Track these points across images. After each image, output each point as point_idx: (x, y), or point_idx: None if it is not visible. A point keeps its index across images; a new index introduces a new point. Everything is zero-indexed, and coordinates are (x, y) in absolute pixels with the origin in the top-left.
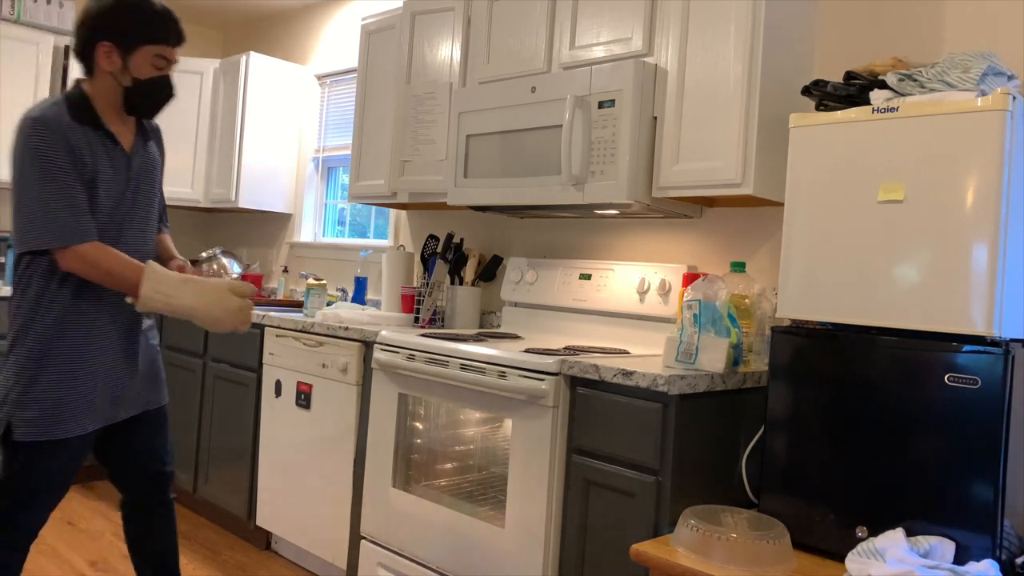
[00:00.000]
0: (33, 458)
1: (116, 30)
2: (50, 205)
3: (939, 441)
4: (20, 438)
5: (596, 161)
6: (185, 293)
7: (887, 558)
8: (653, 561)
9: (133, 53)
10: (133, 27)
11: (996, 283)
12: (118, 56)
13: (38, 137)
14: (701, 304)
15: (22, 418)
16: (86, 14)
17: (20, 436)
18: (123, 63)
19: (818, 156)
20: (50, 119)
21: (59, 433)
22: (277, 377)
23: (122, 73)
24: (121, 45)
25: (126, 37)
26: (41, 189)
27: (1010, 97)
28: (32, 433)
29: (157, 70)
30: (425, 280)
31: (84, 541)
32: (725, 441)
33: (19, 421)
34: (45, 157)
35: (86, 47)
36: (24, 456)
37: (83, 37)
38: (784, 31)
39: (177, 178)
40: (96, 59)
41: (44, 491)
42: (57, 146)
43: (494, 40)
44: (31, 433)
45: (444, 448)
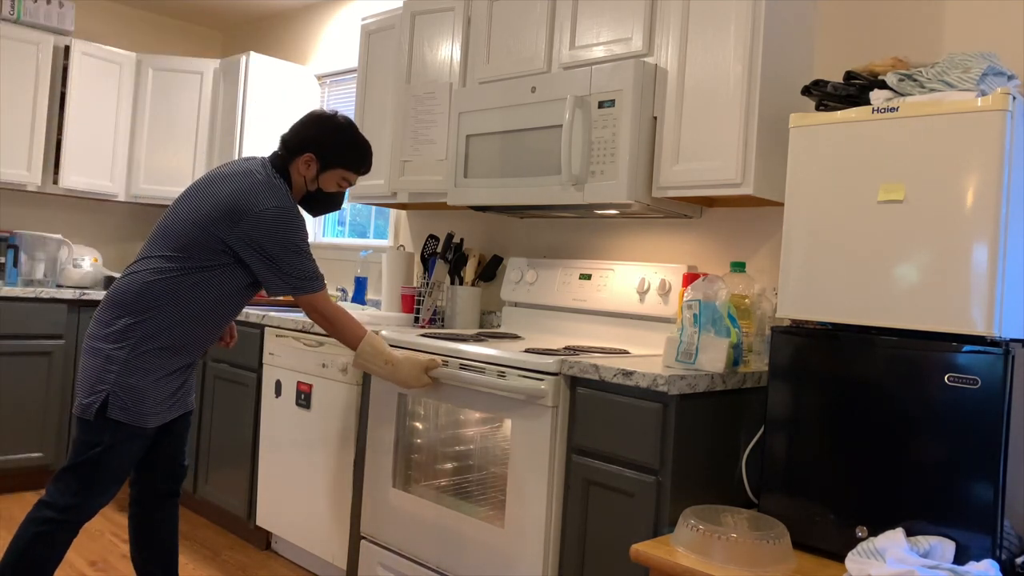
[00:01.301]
0: (119, 438)
1: (325, 150)
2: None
3: (939, 441)
4: (114, 416)
5: (596, 161)
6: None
7: (887, 558)
8: (653, 561)
9: (328, 171)
10: (340, 154)
11: (996, 283)
12: (315, 168)
13: (288, 221)
14: (701, 304)
15: (119, 399)
16: (310, 126)
17: (114, 414)
18: (315, 175)
19: (818, 156)
20: (290, 206)
21: (142, 422)
22: (277, 377)
23: (311, 181)
24: (322, 162)
25: (329, 158)
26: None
27: (1010, 97)
28: (124, 416)
29: (338, 187)
30: (425, 280)
31: (84, 541)
32: (725, 441)
33: (116, 401)
34: (300, 237)
35: (295, 150)
36: (111, 435)
37: (298, 140)
38: (784, 31)
39: (177, 178)
40: (296, 162)
41: (119, 473)
42: (299, 222)
43: (494, 40)
44: (123, 416)
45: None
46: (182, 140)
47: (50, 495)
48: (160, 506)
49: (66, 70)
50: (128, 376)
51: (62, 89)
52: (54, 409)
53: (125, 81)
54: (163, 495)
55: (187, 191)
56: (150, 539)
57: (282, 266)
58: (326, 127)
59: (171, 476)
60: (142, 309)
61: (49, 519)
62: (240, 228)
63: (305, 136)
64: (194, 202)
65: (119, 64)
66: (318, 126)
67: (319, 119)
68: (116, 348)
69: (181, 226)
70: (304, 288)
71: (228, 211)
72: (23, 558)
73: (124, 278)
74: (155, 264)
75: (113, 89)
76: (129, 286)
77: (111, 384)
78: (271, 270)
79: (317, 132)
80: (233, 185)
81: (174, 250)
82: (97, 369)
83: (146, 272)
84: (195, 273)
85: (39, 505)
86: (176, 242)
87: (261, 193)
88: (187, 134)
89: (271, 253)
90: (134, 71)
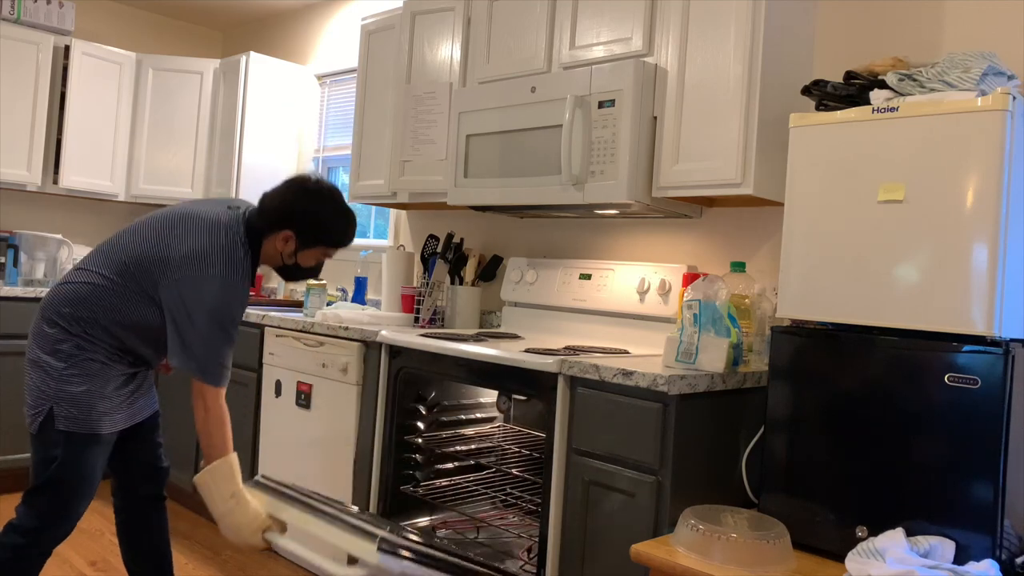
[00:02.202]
0: (74, 449)
1: (306, 230)
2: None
3: (939, 441)
4: (62, 427)
5: (596, 161)
6: (225, 508)
7: (887, 558)
8: (653, 561)
9: (307, 249)
10: (321, 233)
11: (996, 283)
12: (294, 245)
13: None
14: (701, 304)
15: (63, 410)
16: (292, 199)
17: (61, 425)
18: (293, 251)
19: (818, 156)
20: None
21: (94, 428)
22: (277, 377)
23: (288, 256)
24: (300, 240)
25: (309, 237)
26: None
27: (1010, 97)
28: (72, 425)
29: (317, 262)
30: (425, 280)
31: (84, 541)
32: (725, 441)
33: (60, 411)
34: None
35: (275, 223)
36: (64, 448)
37: (277, 215)
38: (784, 31)
39: (177, 178)
40: (274, 237)
41: (82, 487)
42: (242, 297)
43: (494, 40)
44: (72, 425)
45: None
46: (182, 140)
47: (18, 518)
48: (145, 511)
49: (66, 70)
50: (67, 385)
51: (62, 89)
52: None
53: (125, 81)
54: (147, 500)
55: (153, 224)
56: (139, 545)
57: (194, 335)
58: (310, 202)
59: (151, 480)
60: (75, 319)
61: (16, 544)
62: (172, 279)
63: (285, 211)
64: (152, 239)
65: (119, 64)
66: (301, 200)
67: (302, 191)
68: (51, 357)
69: (128, 256)
70: (207, 373)
71: (175, 263)
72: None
73: (58, 287)
74: (90, 278)
75: (113, 89)
76: (62, 294)
77: (52, 395)
78: (180, 335)
79: (299, 208)
80: (192, 244)
81: (113, 273)
82: (37, 381)
83: (80, 284)
84: (130, 292)
85: (7, 528)
86: (117, 268)
87: (214, 257)
88: (187, 134)
89: (190, 317)
90: (134, 71)
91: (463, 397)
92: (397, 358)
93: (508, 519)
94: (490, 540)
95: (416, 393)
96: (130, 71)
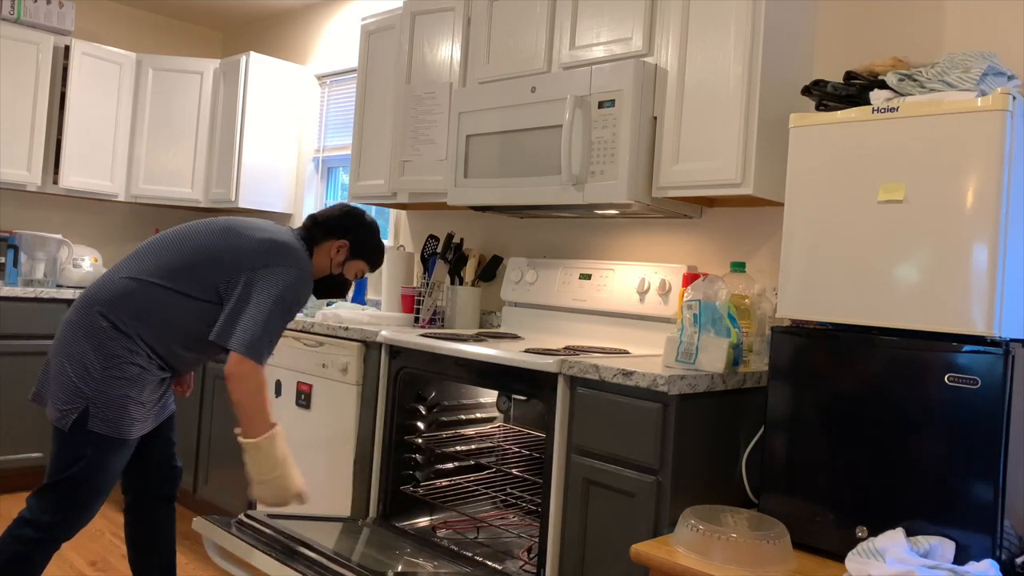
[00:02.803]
0: (102, 451)
1: (359, 242)
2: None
3: (939, 441)
4: (95, 428)
5: (596, 161)
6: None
7: (887, 558)
8: (653, 561)
9: (353, 260)
10: (368, 250)
11: (996, 283)
12: (345, 254)
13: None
14: (701, 304)
15: (99, 411)
16: (346, 217)
17: (95, 427)
18: (343, 260)
19: (818, 156)
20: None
21: (125, 433)
22: (277, 377)
23: (337, 265)
24: (352, 251)
25: (359, 250)
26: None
27: (1010, 97)
28: (105, 428)
29: (355, 278)
30: (425, 280)
31: (84, 541)
32: (725, 441)
33: (96, 412)
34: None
35: (331, 232)
36: (94, 449)
37: (333, 225)
38: (784, 31)
39: (177, 178)
40: (329, 244)
41: (104, 487)
42: (303, 299)
43: (494, 40)
44: (105, 428)
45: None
46: (182, 140)
47: (31, 511)
48: (156, 512)
49: (66, 70)
50: (107, 386)
51: (62, 89)
52: None
53: (125, 81)
54: (159, 500)
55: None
56: (148, 545)
57: (254, 314)
58: (363, 223)
59: (166, 480)
60: (124, 316)
61: (29, 539)
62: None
63: (342, 224)
64: (214, 238)
65: (119, 64)
66: (354, 220)
67: (355, 213)
68: (95, 355)
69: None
70: (253, 348)
71: (250, 252)
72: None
73: (103, 282)
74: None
75: (113, 89)
76: (113, 287)
77: (90, 395)
78: (237, 313)
79: (354, 225)
80: (267, 237)
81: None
82: (75, 377)
83: (130, 281)
84: (185, 295)
85: (19, 522)
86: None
87: (288, 250)
88: (187, 134)
89: (255, 297)
90: (134, 71)
91: (463, 397)
92: (397, 358)
93: (508, 519)
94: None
95: (416, 393)
96: (130, 71)
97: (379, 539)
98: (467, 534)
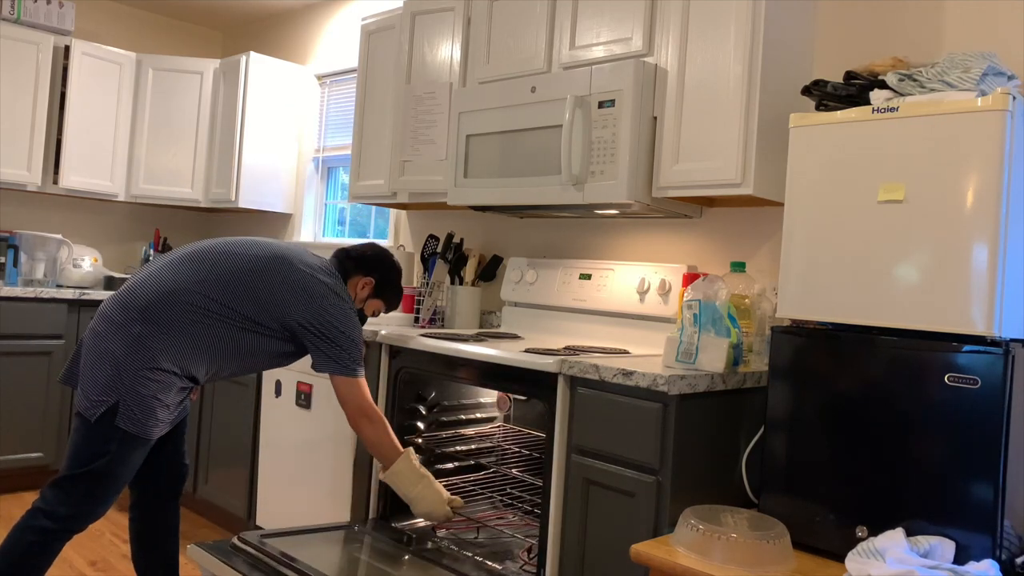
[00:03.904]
0: (125, 448)
1: (383, 282)
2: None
3: (939, 441)
4: (122, 425)
5: (596, 161)
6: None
7: (887, 558)
8: (653, 561)
9: (374, 299)
10: (389, 290)
11: (996, 283)
12: (369, 291)
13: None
14: (701, 304)
15: (129, 409)
16: (377, 257)
17: (122, 424)
18: (366, 297)
19: (818, 156)
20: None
21: (148, 433)
22: (277, 377)
23: (360, 301)
24: (376, 289)
25: (381, 289)
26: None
27: (1010, 97)
28: (132, 426)
29: (372, 315)
30: (425, 280)
31: (84, 541)
32: (725, 441)
33: (126, 410)
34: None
35: (363, 269)
36: (118, 444)
37: (366, 262)
38: (784, 31)
39: (177, 178)
40: (358, 279)
41: (122, 482)
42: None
43: (494, 40)
44: (131, 426)
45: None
46: (182, 140)
47: (47, 502)
48: (162, 509)
49: (66, 70)
50: (139, 386)
51: (62, 89)
52: (54, 409)
53: (125, 81)
54: (165, 498)
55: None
56: (153, 542)
57: (339, 345)
58: (392, 266)
59: (174, 477)
60: (165, 322)
61: (45, 529)
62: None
63: (372, 263)
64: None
65: (119, 64)
66: (384, 261)
67: (385, 256)
68: (130, 355)
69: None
70: (350, 368)
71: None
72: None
73: (148, 283)
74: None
75: (113, 89)
76: (154, 292)
77: (123, 391)
78: (327, 350)
79: (382, 264)
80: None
81: (222, 303)
82: (111, 372)
83: (180, 290)
84: (235, 325)
85: (35, 512)
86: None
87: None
88: (187, 134)
89: (329, 335)
90: (134, 71)
91: (463, 397)
92: (397, 358)
93: (508, 519)
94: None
95: (416, 393)
96: (130, 71)
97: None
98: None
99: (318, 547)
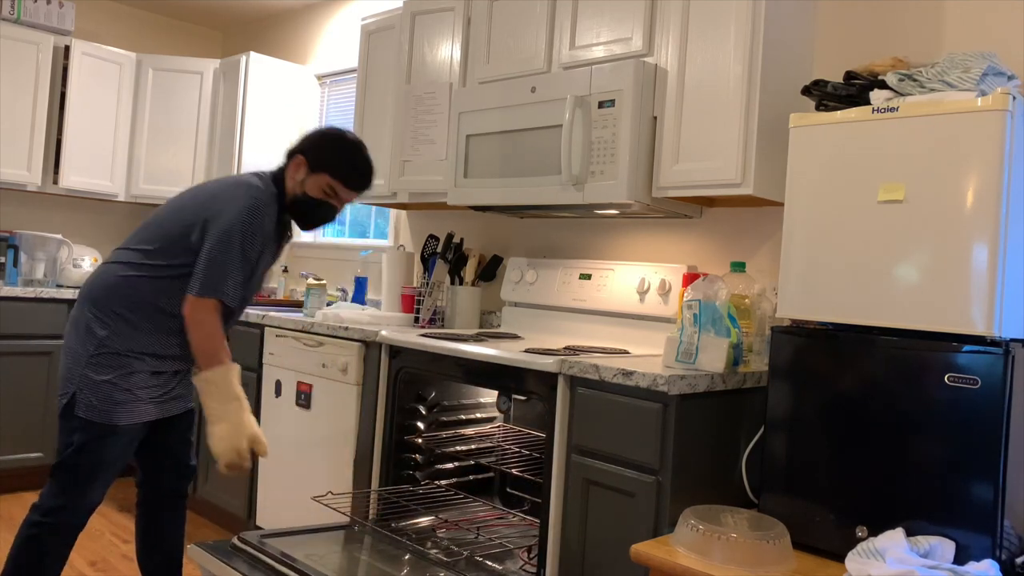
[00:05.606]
0: (89, 436)
1: (315, 153)
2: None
3: (939, 441)
4: (81, 413)
5: (596, 161)
6: (224, 408)
7: (887, 558)
8: (653, 561)
9: (314, 175)
10: (327, 159)
11: (996, 283)
12: (304, 170)
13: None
14: (701, 304)
15: (85, 397)
16: (312, 134)
17: (80, 412)
18: (303, 177)
19: (818, 156)
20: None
21: (109, 419)
22: (277, 377)
23: (299, 184)
24: (309, 165)
25: (316, 162)
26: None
27: (1010, 97)
28: (90, 414)
29: (324, 195)
30: (425, 280)
31: (84, 541)
32: (725, 441)
33: (82, 398)
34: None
35: (291, 153)
36: (81, 434)
37: (295, 145)
38: (784, 31)
39: (177, 178)
40: (290, 165)
41: (97, 473)
42: (259, 230)
43: (494, 40)
44: (90, 413)
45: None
46: (182, 140)
47: (40, 496)
48: (167, 507)
49: (66, 70)
50: (91, 371)
51: (62, 89)
52: (54, 409)
53: (125, 81)
54: (170, 496)
55: (183, 194)
56: (157, 541)
57: (209, 255)
58: (326, 135)
59: (179, 476)
60: (103, 301)
61: (35, 522)
62: (203, 217)
63: (304, 142)
64: (178, 200)
65: (119, 64)
66: (319, 133)
67: (324, 129)
68: (80, 343)
69: (165, 226)
70: (205, 286)
71: (209, 202)
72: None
73: (97, 275)
74: (127, 257)
75: (113, 89)
76: (100, 280)
77: (77, 380)
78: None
79: (315, 137)
80: (223, 185)
81: (148, 255)
82: (69, 363)
83: (117, 266)
84: (166, 273)
85: (32, 507)
86: (153, 246)
87: (241, 190)
88: (187, 134)
89: (206, 243)
90: (134, 71)
91: (463, 397)
92: (397, 358)
93: (508, 519)
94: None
95: (416, 393)
96: (130, 71)
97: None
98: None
99: (318, 547)
